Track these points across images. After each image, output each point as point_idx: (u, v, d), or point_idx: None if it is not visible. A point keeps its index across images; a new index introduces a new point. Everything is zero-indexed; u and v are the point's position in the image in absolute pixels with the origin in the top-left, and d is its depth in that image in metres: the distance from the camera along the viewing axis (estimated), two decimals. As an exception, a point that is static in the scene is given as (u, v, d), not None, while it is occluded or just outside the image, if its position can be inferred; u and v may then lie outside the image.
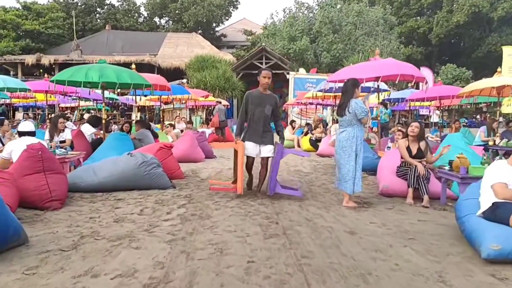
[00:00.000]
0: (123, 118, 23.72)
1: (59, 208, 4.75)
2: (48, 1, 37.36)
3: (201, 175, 7.63)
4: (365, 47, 27.04)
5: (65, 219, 4.35)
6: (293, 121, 15.53)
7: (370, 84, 10.06)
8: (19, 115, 21.13)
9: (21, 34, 29.92)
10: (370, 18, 28.93)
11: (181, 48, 31.41)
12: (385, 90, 10.94)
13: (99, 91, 9.60)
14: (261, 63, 25.79)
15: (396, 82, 8.71)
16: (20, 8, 31.92)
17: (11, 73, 27.71)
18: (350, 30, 28.24)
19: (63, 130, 7.48)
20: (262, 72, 5.71)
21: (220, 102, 15.81)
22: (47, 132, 7.45)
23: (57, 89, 8.44)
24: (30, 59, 25.98)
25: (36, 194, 4.64)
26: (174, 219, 4.45)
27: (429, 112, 20.18)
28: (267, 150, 5.65)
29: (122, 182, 5.76)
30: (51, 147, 6.79)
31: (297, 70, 24.98)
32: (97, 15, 41.28)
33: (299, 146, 13.91)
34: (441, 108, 14.47)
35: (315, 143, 12.84)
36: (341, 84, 9.86)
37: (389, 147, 8.48)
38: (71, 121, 13.39)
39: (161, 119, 15.33)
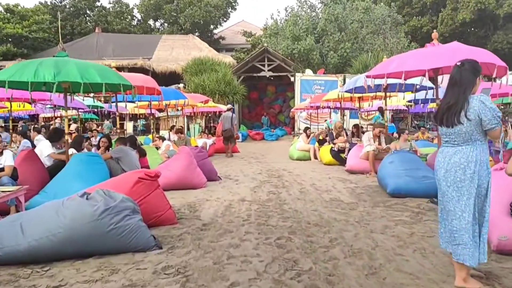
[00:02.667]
0: (114, 128, 21.42)
1: None
2: (34, 4, 35.13)
3: (203, 214, 5.18)
4: (374, 46, 25.42)
5: None
6: (307, 128, 13.22)
7: (416, 80, 7.82)
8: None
9: (2, 38, 27.54)
10: (376, 16, 27.53)
11: (177, 50, 29.24)
12: (430, 88, 8.66)
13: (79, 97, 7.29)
14: (263, 65, 24.10)
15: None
16: (2, 10, 29.55)
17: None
18: (356, 29, 26.84)
19: (1, 153, 5.15)
20: None
21: (230, 109, 13.60)
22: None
23: None
24: (9, 65, 23.61)
25: None
26: None
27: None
28: None
29: (68, 245, 3.39)
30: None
31: (303, 72, 22.87)
32: (87, 18, 38.89)
33: (316, 158, 11.60)
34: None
35: (337, 154, 10.54)
36: (380, 81, 7.68)
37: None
38: (43, 134, 10.97)
39: (153, 130, 13.02)
